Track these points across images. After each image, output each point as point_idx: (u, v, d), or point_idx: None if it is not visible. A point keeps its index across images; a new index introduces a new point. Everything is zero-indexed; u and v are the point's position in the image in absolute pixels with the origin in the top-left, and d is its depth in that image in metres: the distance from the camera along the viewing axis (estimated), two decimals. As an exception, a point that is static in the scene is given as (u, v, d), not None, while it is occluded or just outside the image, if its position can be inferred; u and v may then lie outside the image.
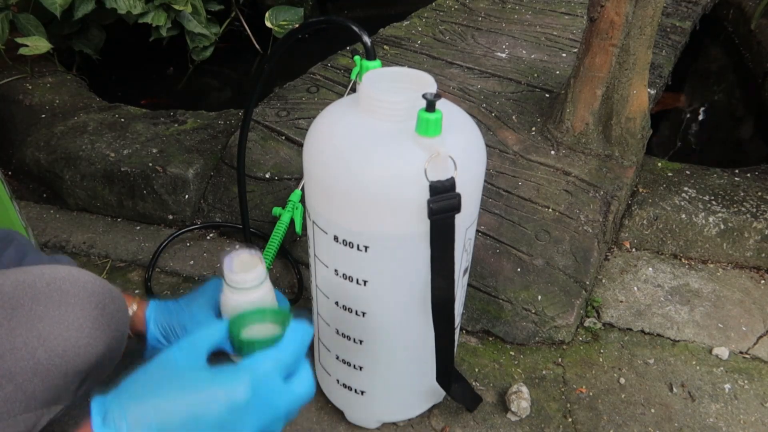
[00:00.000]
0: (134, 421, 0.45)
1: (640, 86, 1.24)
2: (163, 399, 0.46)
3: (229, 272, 0.67)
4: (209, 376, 0.47)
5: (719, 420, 0.92)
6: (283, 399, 0.49)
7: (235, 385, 0.46)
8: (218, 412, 0.45)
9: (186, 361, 0.48)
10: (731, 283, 1.16)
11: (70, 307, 0.55)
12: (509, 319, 1.02)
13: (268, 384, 0.48)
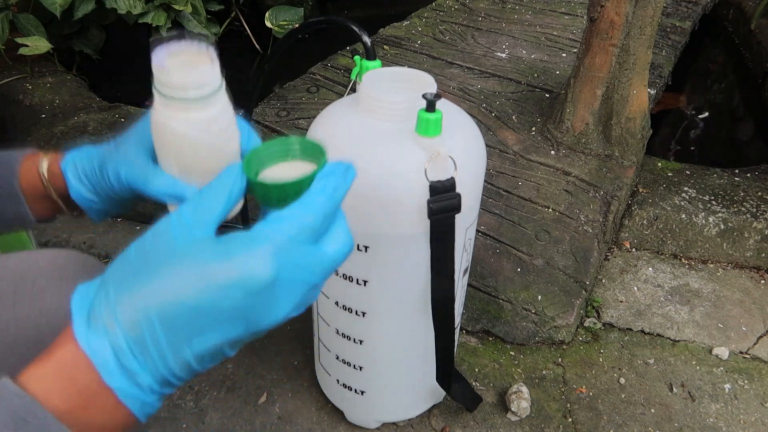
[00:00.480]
0: (128, 318, 0.33)
1: (640, 86, 1.24)
2: (163, 286, 0.34)
3: (160, 70, 0.42)
4: (219, 250, 0.34)
5: (719, 420, 0.92)
6: (315, 268, 0.36)
7: (251, 262, 0.34)
8: (235, 297, 0.34)
9: (188, 233, 0.35)
10: (731, 283, 1.16)
11: (70, 282, 0.58)
12: (509, 319, 1.02)
13: (295, 254, 0.35)
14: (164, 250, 0.34)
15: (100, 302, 0.34)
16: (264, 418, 0.89)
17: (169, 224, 0.35)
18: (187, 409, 0.90)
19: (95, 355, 0.33)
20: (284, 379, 0.95)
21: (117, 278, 0.35)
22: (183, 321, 0.33)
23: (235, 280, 0.33)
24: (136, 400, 0.34)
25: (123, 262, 0.36)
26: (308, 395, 0.92)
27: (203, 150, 0.46)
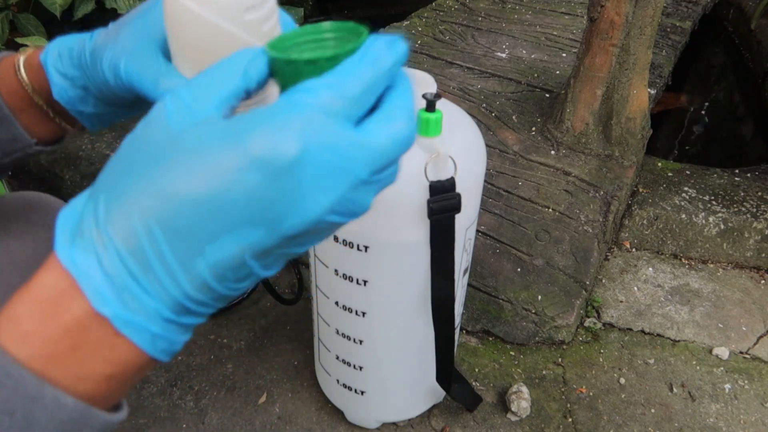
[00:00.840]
0: (122, 228, 0.26)
1: (640, 86, 1.24)
2: (160, 182, 0.25)
3: None
4: (226, 128, 0.26)
5: (719, 420, 0.92)
6: (355, 154, 0.26)
7: (268, 135, 0.25)
8: (248, 182, 0.25)
9: (186, 114, 0.26)
10: (731, 283, 1.16)
11: (37, 214, 0.57)
12: (509, 319, 1.02)
13: (328, 129, 0.26)
14: (158, 138, 0.26)
15: (88, 215, 0.27)
16: (264, 418, 0.89)
17: (163, 108, 0.27)
18: (187, 409, 0.90)
19: (82, 276, 0.26)
20: (284, 379, 0.95)
21: (107, 183, 0.27)
22: (189, 223, 0.25)
23: (247, 159, 0.25)
24: (142, 331, 0.27)
25: (113, 164, 0.28)
26: (308, 395, 0.92)
27: (234, 45, 0.34)
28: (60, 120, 0.46)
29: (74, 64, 0.43)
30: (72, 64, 0.43)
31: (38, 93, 0.44)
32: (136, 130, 0.28)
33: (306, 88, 0.26)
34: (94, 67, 0.41)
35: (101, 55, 0.40)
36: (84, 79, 0.43)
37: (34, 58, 0.44)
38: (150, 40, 0.39)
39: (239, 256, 0.26)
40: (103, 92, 0.42)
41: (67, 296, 0.26)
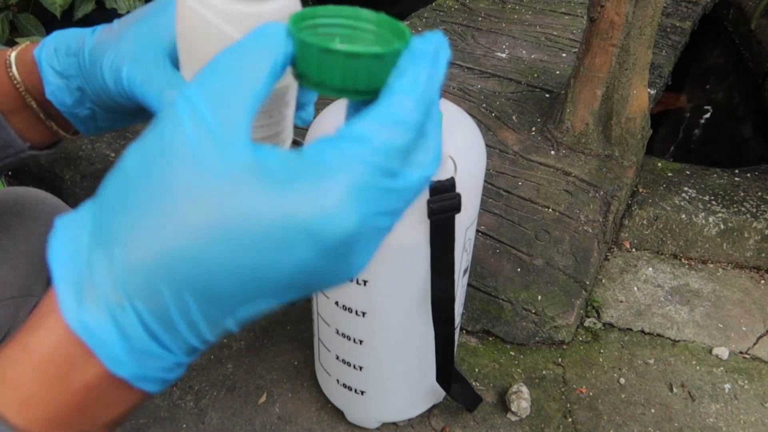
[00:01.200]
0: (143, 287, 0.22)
1: (640, 86, 1.24)
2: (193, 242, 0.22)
3: None
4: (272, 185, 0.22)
5: (719, 420, 0.92)
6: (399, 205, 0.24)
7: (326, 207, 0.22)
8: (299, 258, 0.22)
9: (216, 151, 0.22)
10: (731, 283, 1.16)
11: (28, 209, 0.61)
12: (509, 319, 1.02)
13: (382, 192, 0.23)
14: (188, 191, 0.22)
15: (98, 263, 0.23)
16: (264, 418, 0.89)
17: (180, 130, 0.22)
18: (187, 409, 0.90)
19: (95, 341, 0.23)
20: (284, 379, 0.95)
21: (118, 224, 0.23)
22: (224, 291, 0.23)
23: (299, 232, 0.22)
24: (157, 382, 0.25)
25: (122, 196, 0.23)
26: (308, 395, 0.92)
27: None
28: (53, 124, 0.43)
29: (71, 61, 0.38)
30: (69, 61, 0.38)
31: (30, 93, 0.41)
32: (148, 149, 0.23)
33: (360, 136, 0.23)
34: (92, 68, 0.37)
35: (102, 55, 0.36)
36: (80, 80, 0.39)
37: (27, 53, 0.40)
38: (157, 46, 0.35)
39: (269, 309, 0.25)
40: (101, 96, 0.38)
41: (76, 361, 0.23)
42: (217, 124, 0.22)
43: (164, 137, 0.23)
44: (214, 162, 0.22)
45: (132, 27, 0.36)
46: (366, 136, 0.23)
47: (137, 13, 0.38)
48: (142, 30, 0.36)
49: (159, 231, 0.22)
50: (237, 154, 0.22)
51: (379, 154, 0.23)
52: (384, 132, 0.23)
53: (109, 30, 0.38)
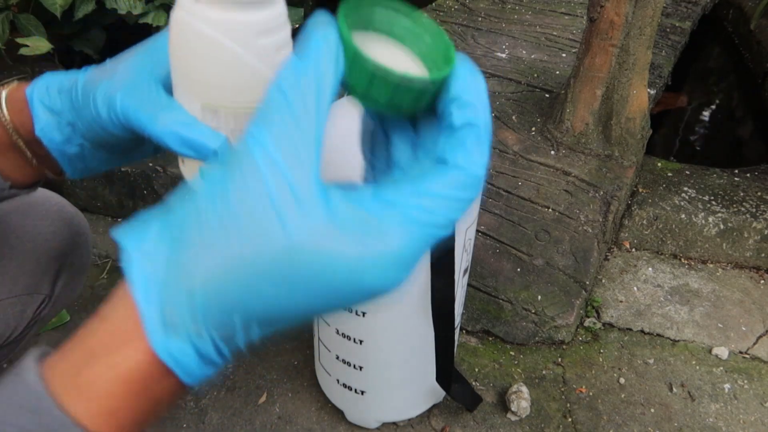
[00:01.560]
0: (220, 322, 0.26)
1: (640, 86, 1.24)
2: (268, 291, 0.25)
3: None
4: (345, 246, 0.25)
5: (719, 420, 0.92)
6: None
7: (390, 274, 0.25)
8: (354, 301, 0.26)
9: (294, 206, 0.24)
10: (731, 283, 1.16)
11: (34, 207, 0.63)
12: (509, 319, 1.02)
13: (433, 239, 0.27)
14: (270, 244, 0.24)
15: (179, 298, 0.26)
16: (264, 418, 0.89)
17: (261, 184, 0.24)
18: (187, 409, 0.90)
19: (179, 365, 0.27)
20: (284, 379, 0.95)
21: (197, 264, 0.25)
22: (287, 320, 0.27)
23: (361, 292, 0.26)
24: (205, 378, 0.29)
25: (200, 236, 0.25)
26: (308, 395, 0.92)
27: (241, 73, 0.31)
28: (39, 164, 0.43)
29: (63, 98, 0.39)
30: (60, 98, 0.39)
31: (18, 132, 0.41)
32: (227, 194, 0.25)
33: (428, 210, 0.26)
34: (85, 99, 0.37)
35: (95, 88, 0.37)
36: (72, 114, 0.39)
37: (18, 92, 0.41)
38: (150, 75, 0.36)
39: None
40: (92, 128, 0.38)
41: (157, 377, 0.27)
42: (295, 181, 0.24)
43: (245, 187, 0.25)
44: (296, 222, 0.24)
45: (125, 62, 0.37)
46: (433, 209, 0.26)
47: (130, 50, 0.39)
48: (134, 62, 0.37)
49: (240, 277, 0.25)
50: (314, 214, 0.24)
51: (438, 227, 0.26)
52: (448, 205, 0.26)
53: (102, 68, 0.39)
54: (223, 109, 0.33)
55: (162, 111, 0.35)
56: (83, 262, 0.72)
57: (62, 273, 0.67)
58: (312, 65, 0.25)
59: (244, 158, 0.25)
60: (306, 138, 0.25)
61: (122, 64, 0.37)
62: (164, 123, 0.34)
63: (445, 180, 0.26)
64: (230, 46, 0.30)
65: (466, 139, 0.27)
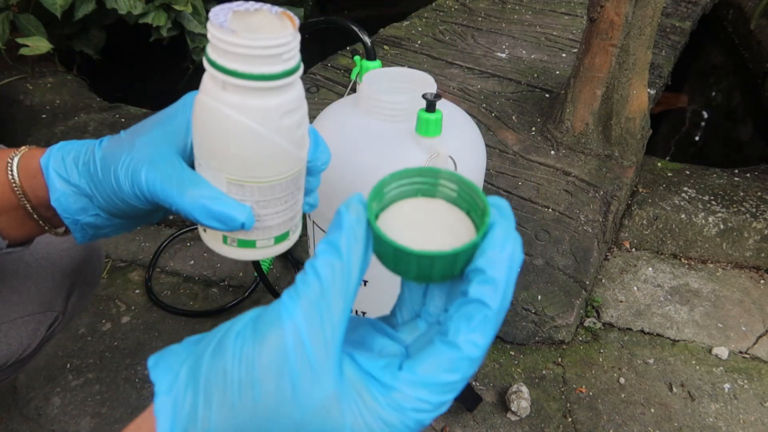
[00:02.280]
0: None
1: (640, 86, 1.24)
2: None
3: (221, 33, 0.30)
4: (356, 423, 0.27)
5: (719, 420, 0.92)
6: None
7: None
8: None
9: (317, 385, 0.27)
10: (731, 283, 1.16)
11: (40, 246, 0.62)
12: (509, 319, 1.02)
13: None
14: (280, 412, 0.27)
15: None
16: (264, 418, 0.89)
17: (284, 355, 0.27)
18: (187, 409, 0.90)
19: None
20: (284, 378, 0.95)
21: (215, 420, 0.28)
22: None
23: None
24: None
25: (224, 395, 0.28)
26: (308, 395, 0.92)
27: (268, 152, 0.34)
28: (45, 224, 0.44)
29: (80, 171, 0.40)
30: (78, 171, 0.40)
31: (27, 196, 0.42)
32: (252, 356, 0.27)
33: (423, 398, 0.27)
34: (105, 174, 0.38)
35: (115, 162, 0.38)
36: (90, 187, 0.40)
37: (31, 159, 0.41)
38: (171, 149, 0.38)
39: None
40: (112, 201, 0.39)
41: None
42: (314, 358, 0.27)
43: (269, 358, 0.27)
44: (307, 394, 0.27)
45: (143, 135, 0.38)
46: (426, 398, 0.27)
47: (146, 123, 0.40)
48: (154, 137, 0.38)
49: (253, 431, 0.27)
50: (325, 388, 0.27)
51: (429, 414, 0.28)
52: (438, 395, 0.28)
53: (118, 139, 0.40)
54: (248, 184, 0.35)
55: (189, 186, 0.36)
56: (95, 276, 0.71)
57: (75, 288, 0.66)
58: (344, 247, 0.28)
59: (273, 329, 0.27)
60: (333, 321, 0.27)
61: (141, 138, 0.38)
62: (192, 198, 0.36)
63: (438, 361, 0.28)
64: (257, 128, 0.32)
65: (474, 316, 0.27)
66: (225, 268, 1.14)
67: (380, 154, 0.60)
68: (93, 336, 1.01)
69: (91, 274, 0.69)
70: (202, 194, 0.36)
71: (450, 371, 0.27)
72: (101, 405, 0.90)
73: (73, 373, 0.95)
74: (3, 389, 0.92)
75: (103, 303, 1.07)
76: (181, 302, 1.07)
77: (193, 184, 0.36)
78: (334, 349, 0.27)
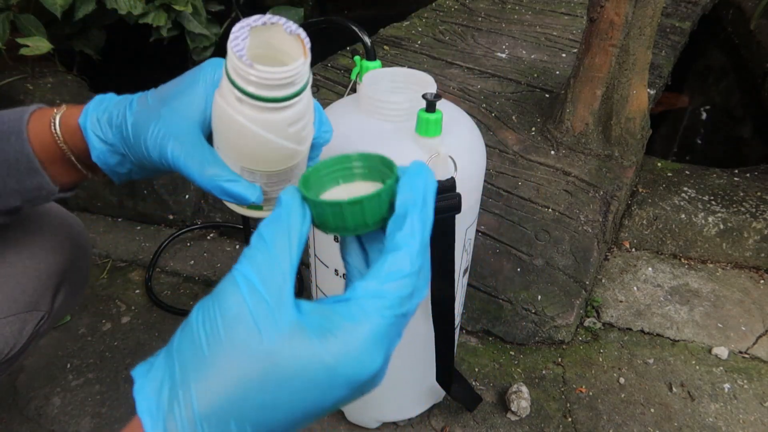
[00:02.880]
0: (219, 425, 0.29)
1: (640, 86, 1.24)
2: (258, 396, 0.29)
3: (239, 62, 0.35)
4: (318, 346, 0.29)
5: (718, 419, 0.92)
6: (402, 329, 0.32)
7: (359, 358, 0.29)
8: (340, 395, 0.30)
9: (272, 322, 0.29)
10: (730, 283, 1.16)
11: (33, 222, 0.63)
12: (509, 319, 1.02)
13: (397, 329, 0.31)
14: (251, 350, 0.29)
15: (180, 414, 0.29)
16: (264, 418, 0.89)
17: (243, 308, 0.29)
18: (187, 409, 0.90)
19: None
20: (284, 378, 0.95)
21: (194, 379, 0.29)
22: (281, 424, 0.30)
23: (342, 383, 0.29)
24: None
25: (196, 356, 0.30)
26: (308, 395, 0.92)
27: (276, 151, 0.40)
28: (88, 172, 0.49)
29: (114, 132, 0.45)
30: (112, 132, 0.45)
31: (72, 150, 0.47)
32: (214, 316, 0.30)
33: (376, 294, 0.30)
34: (137, 142, 0.43)
35: (144, 132, 0.43)
36: (124, 149, 0.45)
37: (70, 118, 0.46)
38: (194, 124, 0.42)
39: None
40: (143, 162, 0.45)
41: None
42: (270, 296, 0.29)
43: (229, 308, 0.30)
44: (270, 326, 0.29)
45: (169, 104, 0.43)
46: (380, 294, 0.30)
47: (170, 87, 0.44)
48: (178, 108, 0.42)
49: (229, 383, 0.29)
50: (286, 320, 0.29)
51: (393, 306, 0.30)
52: (394, 287, 0.30)
53: (146, 105, 0.44)
54: (259, 171, 0.42)
55: (208, 166, 0.41)
56: (83, 276, 0.71)
57: (62, 288, 0.66)
58: (284, 216, 0.32)
59: (229, 287, 0.30)
60: (282, 269, 0.30)
61: (167, 107, 0.43)
62: (210, 177, 0.41)
63: (385, 264, 0.31)
64: (268, 136, 0.38)
65: (404, 222, 0.32)
66: (225, 268, 1.15)
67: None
68: (93, 336, 1.01)
69: (78, 274, 0.69)
70: (219, 175, 0.41)
71: (398, 267, 0.30)
72: (101, 405, 0.90)
73: (74, 373, 0.95)
74: (3, 389, 0.92)
75: (103, 303, 1.07)
76: (181, 302, 1.08)
77: (212, 164, 0.41)
78: (288, 290, 0.30)
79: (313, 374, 0.29)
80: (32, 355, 0.97)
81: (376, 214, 0.32)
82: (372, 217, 0.32)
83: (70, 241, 0.66)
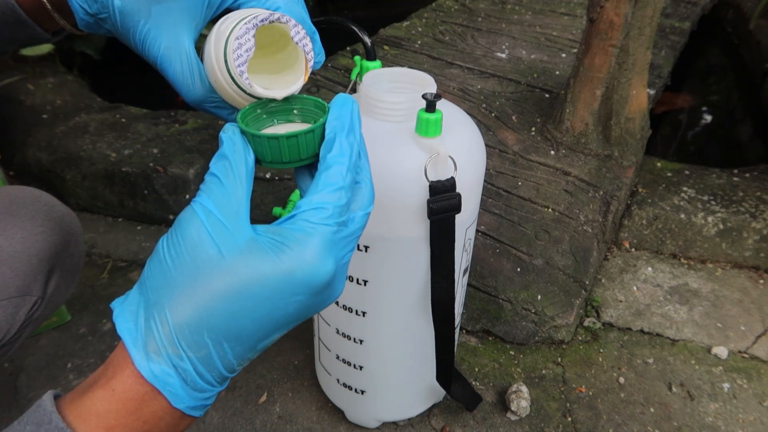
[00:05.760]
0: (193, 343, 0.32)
1: (640, 86, 1.24)
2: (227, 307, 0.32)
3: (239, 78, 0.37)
4: (274, 258, 0.32)
5: (718, 419, 0.92)
6: (353, 241, 0.36)
7: (312, 265, 0.33)
8: (301, 301, 0.33)
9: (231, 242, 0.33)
10: (730, 282, 1.16)
11: (23, 208, 0.65)
12: (509, 319, 1.02)
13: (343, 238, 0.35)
14: (213, 266, 0.32)
15: (156, 330, 0.32)
16: (264, 418, 0.89)
17: (202, 231, 0.33)
18: (187, 409, 0.90)
19: (163, 385, 0.32)
20: (284, 378, 0.95)
21: (166, 297, 0.33)
22: (250, 335, 0.34)
23: (299, 287, 0.33)
24: (203, 409, 0.35)
25: (164, 276, 0.33)
26: (308, 395, 0.93)
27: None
28: (70, 26, 0.49)
29: (99, 7, 0.42)
30: (97, 7, 0.42)
31: (57, 10, 0.47)
32: (177, 242, 0.33)
33: (317, 206, 0.34)
34: (124, 31, 0.42)
35: (133, 27, 0.41)
36: (110, 29, 0.43)
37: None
38: (186, 30, 0.41)
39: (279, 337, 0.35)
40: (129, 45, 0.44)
41: (148, 398, 0.33)
42: (226, 220, 0.33)
43: (190, 234, 0.33)
44: (229, 244, 0.32)
45: (160, 5, 0.41)
46: (320, 205, 0.34)
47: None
48: (171, 8, 0.41)
49: (197, 297, 0.32)
50: (243, 237, 0.33)
51: (334, 215, 0.34)
52: (331, 198, 0.34)
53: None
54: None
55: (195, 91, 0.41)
56: (76, 262, 0.72)
57: (54, 273, 0.67)
58: (228, 151, 0.35)
59: (189, 216, 0.34)
60: (236, 196, 0.34)
61: (158, 6, 0.40)
62: (195, 100, 0.42)
63: (320, 181, 0.35)
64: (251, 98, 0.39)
65: (333, 145, 0.36)
66: (225, 268, 1.15)
67: (380, 155, 0.60)
68: (93, 336, 1.01)
69: (70, 259, 0.70)
70: (205, 100, 0.42)
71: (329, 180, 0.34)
72: (102, 405, 0.90)
73: (74, 373, 0.95)
74: (3, 389, 0.92)
75: (104, 303, 1.07)
76: (182, 302, 1.08)
77: (199, 87, 0.42)
78: (243, 215, 0.34)
79: (272, 280, 0.32)
80: (32, 355, 0.97)
81: (310, 148, 0.36)
82: (306, 151, 0.36)
83: (60, 226, 0.67)
